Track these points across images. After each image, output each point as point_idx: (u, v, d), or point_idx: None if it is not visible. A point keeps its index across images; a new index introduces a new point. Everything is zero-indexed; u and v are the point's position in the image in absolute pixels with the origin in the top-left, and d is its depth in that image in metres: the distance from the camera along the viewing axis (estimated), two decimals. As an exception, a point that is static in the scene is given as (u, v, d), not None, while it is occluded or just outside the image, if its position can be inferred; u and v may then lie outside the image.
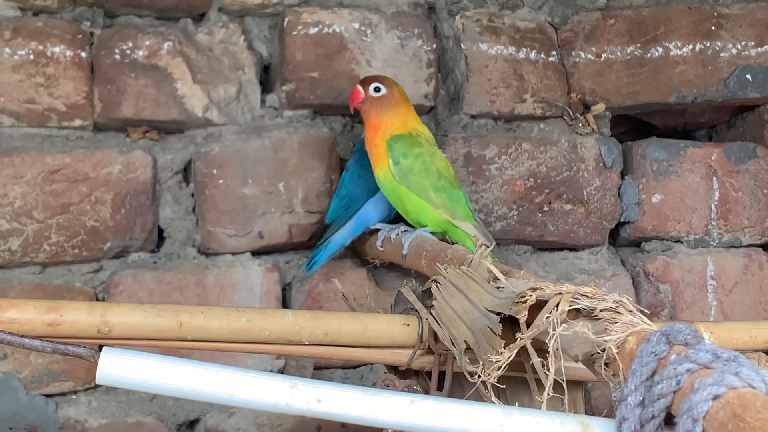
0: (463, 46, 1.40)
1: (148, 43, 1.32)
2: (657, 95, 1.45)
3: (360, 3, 1.39)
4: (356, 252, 1.36)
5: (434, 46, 1.40)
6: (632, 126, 1.60)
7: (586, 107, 1.43)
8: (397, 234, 1.19)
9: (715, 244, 1.44)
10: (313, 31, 1.36)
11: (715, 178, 1.44)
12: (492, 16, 1.42)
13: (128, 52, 1.31)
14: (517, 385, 0.97)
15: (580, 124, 1.41)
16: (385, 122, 1.20)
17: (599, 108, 1.42)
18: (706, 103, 1.47)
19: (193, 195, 1.33)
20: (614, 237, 1.46)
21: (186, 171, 1.35)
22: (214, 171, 1.32)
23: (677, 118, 1.58)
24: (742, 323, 0.99)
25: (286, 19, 1.35)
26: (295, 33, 1.35)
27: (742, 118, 1.55)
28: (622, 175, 1.44)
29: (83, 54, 1.29)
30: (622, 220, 1.43)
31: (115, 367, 0.68)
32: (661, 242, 1.44)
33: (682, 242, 1.43)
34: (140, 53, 1.31)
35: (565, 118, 1.42)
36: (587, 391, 1.34)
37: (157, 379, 0.66)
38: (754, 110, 1.52)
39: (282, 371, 1.31)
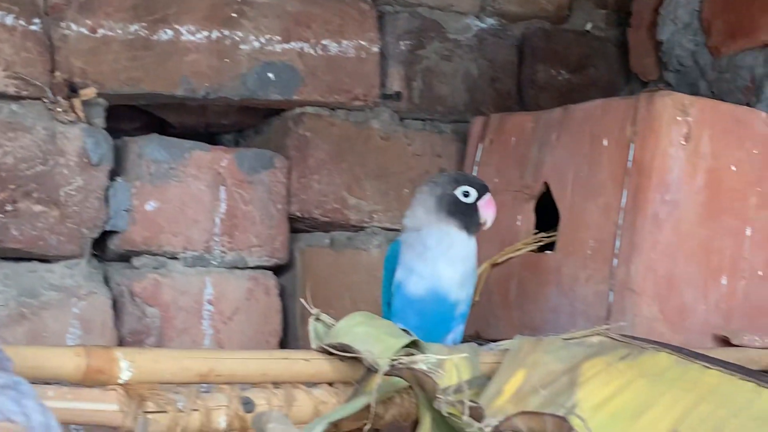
0: None
1: None
2: (163, 85, 1.41)
3: None
4: None
5: None
6: (148, 122, 1.56)
7: (75, 91, 1.36)
8: None
9: (216, 263, 1.42)
10: None
11: (223, 188, 1.43)
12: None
13: None
14: None
15: (62, 110, 1.34)
16: None
17: (89, 93, 1.36)
18: (223, 100, 1.46)
19: None
20: (104, 249, 1.40)
21: None
22: None
23: (197, 116, 1.55)
24: (172, 351, 0.96)
25: None
26: None
27: (269, 124, 1.56)
28: (115, 175, 1.38)
29: None
30: (108, 228, 1.37)
31: None
32: (153, 258, 1.39)
33: (178, 259, 1.40)
34: None
35: (45, 101, 1.34)
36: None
37: None
38: (281, 114, 1.53)
39: None
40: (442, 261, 1.17)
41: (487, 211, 1.20)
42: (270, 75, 1.47)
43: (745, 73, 1.53)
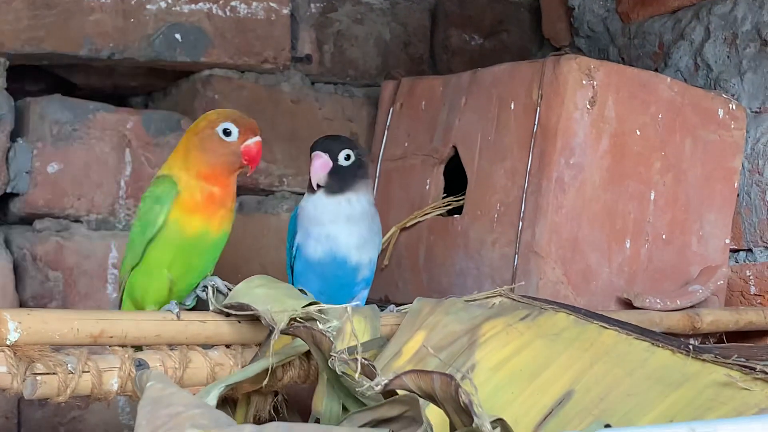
0: None
1: None
2: (66, 45, 1.39)
3: None
4: None
5: None
6: (54, 83, 1.53)
7: (-27, 49, 1.33)
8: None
9: (121, 227, 1.40)
10: None
11: (129, 150, 1.41)
12: None
13: None
14: None
15: (-43, 70, 1.31)
16: None
17: (-11, 52, 1.33)
18: (129, 62, 1.44)
19: None
20: (6, 212, 1.37)
21: None
22: None
23: (104, 78, 1.53)
24: (62, 312, 0.94)
25: None
26: None
27: (178, 86, 1.54)
28: (16, 137, 1.35)
29: None
30: (10, 191, 1.34)
31: None
32: (56, 221, 1.37)
33: (82, 222, 1.38)
34: None
35: (-58, 59, 1.31)
36: None
37: None
38: (189, 77, 1.51)
39: None
40: (333, 224, 1.16)
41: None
42: (177, 36, 1.45)
43: (654, 39, 1.54)
